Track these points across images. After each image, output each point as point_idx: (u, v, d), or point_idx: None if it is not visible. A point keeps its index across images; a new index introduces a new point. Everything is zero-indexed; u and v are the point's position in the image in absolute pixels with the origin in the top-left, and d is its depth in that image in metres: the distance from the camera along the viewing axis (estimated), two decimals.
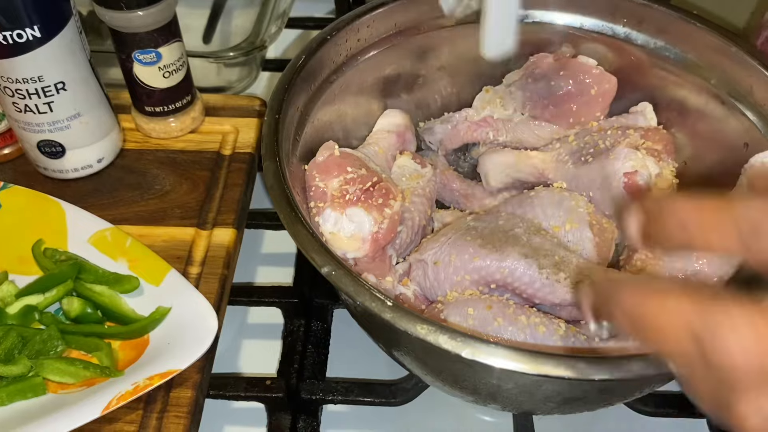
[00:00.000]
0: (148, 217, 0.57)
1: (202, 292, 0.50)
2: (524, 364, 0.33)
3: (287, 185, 0.42)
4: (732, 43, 0.52)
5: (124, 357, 0.48)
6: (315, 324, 0.56)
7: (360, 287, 0.37)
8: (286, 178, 0.42)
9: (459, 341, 0.34)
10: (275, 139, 0.44)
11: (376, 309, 0.36)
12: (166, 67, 0.58)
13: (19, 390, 0.46)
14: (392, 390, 0.51)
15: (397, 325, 0.35)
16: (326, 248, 0.39)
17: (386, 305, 0.36)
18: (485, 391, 0.41)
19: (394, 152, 0.55)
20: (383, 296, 0.36)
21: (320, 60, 0.51)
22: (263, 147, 0.44)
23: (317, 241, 0.39)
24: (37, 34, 0.50)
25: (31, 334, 0.48)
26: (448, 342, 0.34)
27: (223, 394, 0.51)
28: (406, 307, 0.36)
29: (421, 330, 0.34)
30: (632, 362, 0.34)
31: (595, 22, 0.57)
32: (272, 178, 0.42)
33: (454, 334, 0.34)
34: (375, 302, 0.36)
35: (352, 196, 0.47)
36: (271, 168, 0.43)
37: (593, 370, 0.33)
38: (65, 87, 0.54)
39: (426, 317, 0.35)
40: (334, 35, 0.52)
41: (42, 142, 0.57)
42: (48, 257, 0.52)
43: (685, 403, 0.51)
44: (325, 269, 0.38)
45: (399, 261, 0.52)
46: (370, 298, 0.36)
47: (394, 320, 0.35)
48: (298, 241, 0.40)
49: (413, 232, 0.52)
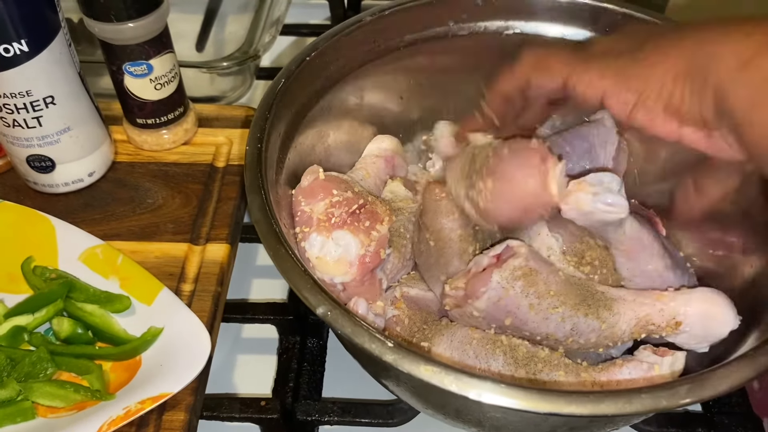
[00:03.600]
0: (140, 233, 0.56)
1: (195, 311, 0.49)
2: (534, 404, 0.32)
3: (275, 219, 0.41)
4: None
5: (116, 379, 0.47)
6: (311, 341, 0.55)
7: (358, 328, 0.36)
8: (272, 212, 0.41)
9: (465, 382, 0.33)
10: (259, 170, 0.43)
11: (377, 351, 0.35)
12: (158, 78, 0.57)
13: (8, 414, 0.45)
14: (389, 411, 0.50)
15: (399, 367, 0.34)
16: (319, 285, 0.38)
17: (387, 347, 0.35)
18: (489, 424, 0.40)
19: (383, 177, 0.54)
20: (383, 337, 0.35)
21: (300, 83, 0.50)
22: (247, 179, 0.43)
23: (310, 278, 0.38)
24: (24, 49, 0.49)
25: (20, 356, 0.47)
26: (454, 383, 0.33)
27: (218, 415, 0.50)
28: (407, 347, 0.35)
29: (426, 371, 0.33)
30: (643, 396, 0.33)
31: (577, 31, 0.56)
32: (258, 212, 0.41)
33: (460, 375, 0.33)
34: (375, 344, 0.35)
35: (338, 219, 0.46)
36: (257, 201, 0.42)
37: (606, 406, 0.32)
38: (54, 101, 0.53)
39: (429, 357, 0.34)
40: (313, 56, 0.50)
41: (31, 157, 0.55)
42: (38, 275, 0.51)
43: (688, 422, 0.50)
44: (320, 310, 0.37)
45: (391, 286, 0.51)
46: (369, 340, 0.35)
47: (396, 362, 0.34)
48: (288, 278, 0.38)
49: (405, 258, 0.51)
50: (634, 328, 0.44)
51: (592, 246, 0.46)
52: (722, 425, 0.50)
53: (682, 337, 0.44)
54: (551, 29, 0.56)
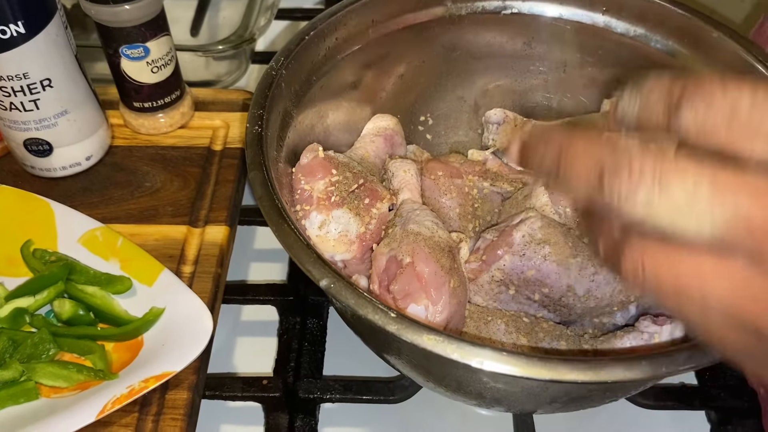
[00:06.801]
0: (139, 216, 0.56)
1: (196, 292, 0.49)
2: (535, 371, 0.33)
3: (277, 196, 0.41)
4: (713, 27, 0.52)
5: (118, 359, 0.48)
6: (311, 321, 0.55)
7: (362, 299, 0.36)
8: (275, 188, 0.41)
9: (467, 350, 0.33)
10: (260, 147, 0.43)
11: (380, 322, 0.35)
12: (155, 62, 0.57)
13: (11, 395, 0.45)
14: (390, 387, 0.51)
15: (403, 336, 0.34)
16: (322, 259, 0.38)
17: (390, 317, 0.35)
18: (490, 395, 0.41)
19: (382, 156, 0.54)
20: (385, 307, 0.35)
21: (299, 62, 0.50)
22: (248, 156, 0.43)
23: (313, 252, 0.38)
24: (21, 30, 0.49)
25: (22, 338, 0.47)
26: (456, 352, 0.33)
27: (220, 394, 0.50)
28: (409, 317, 0.35)
29: (428, 340, 0.34)
30: (643, 363, 0.33)
31: (575, 11, 0.57)
32: (260, 188, 0.41)
33: (462, 343, 0.33)
34: (378, 314, 0.35)
35: (338, 197, 0.46)
36: (259, 178, 0.42)
37: (607, 373, 0.33)
38: (51, 84, 0.53)
39: (432, 326, 0.34)
40: (311, 35, 0.50)
41: (29, 141, 0.55)
42: (37, 258, 0.51)
43: (684, 395, 0.51)
44: (323, 282, 0.37)
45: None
46: (372, 311, 0.35)
47: (399, 332, 0.34)
48: (292, 253, 0.39)
49: None
50: None
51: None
52: (718, 398, 0.50)
53: None
54: (549, 9, 0.56)
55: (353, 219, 0.46)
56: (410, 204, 0.48)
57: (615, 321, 0.48)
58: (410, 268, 0.42)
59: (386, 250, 0.44)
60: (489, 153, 0.58)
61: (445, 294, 0.42)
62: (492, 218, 0.52)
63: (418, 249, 0.43)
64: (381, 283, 0.44)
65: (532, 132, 0.30)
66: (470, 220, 0.50)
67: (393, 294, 0.42)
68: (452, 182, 0.51)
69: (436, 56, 0.58)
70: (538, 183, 0.49)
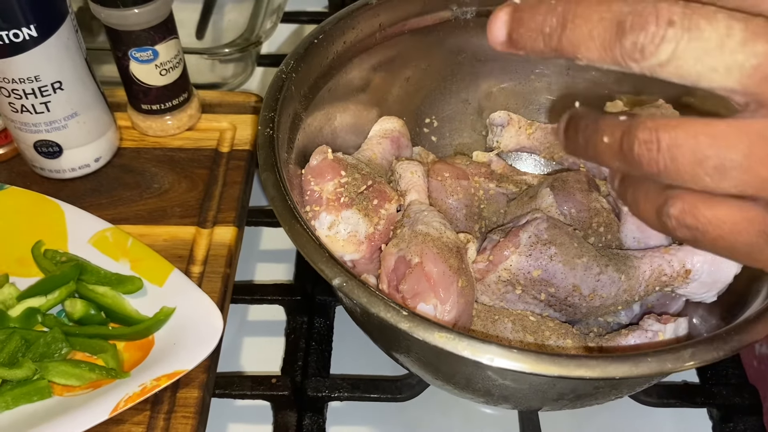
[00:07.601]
0: (148, 217, 0.57)
1: (205, 291, 0.50)
2: (544, 367, 0.33)
3: (289, 196, 0.41)
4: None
5: (130, 358, 0.48)
6: (318, 321, 0.56)
7: (374, 297, 0.37)
8: (287, 189, 0.42)
9: (478, 348, 0.34)
10: (272, 149, 0.44)
11: (392, 319, 0.36)
12: (163, 64, 0.58)
13: (24, 393, 0.45)
14: (397, 386, 0.51)
15: (414, 334, 0.35)
16: (334, 258, 0.39)
17: (401, 315, 0.36)
18: (498, 392, 0.41)
19: (389, 158, 0.55)
20: (397, 306, 0.36)
21: (308, 65, 0.50)
22: (260, 157, 0.44)
23: (325, 251, 0.39)
24: (33, 34, 0.50)
25: (34, 337, 0.48)
26: (467, 349, 0.34)
27: (229, 393, 0.51)
28: (421, 315, 0.36)
29: (440, 338, 0.35)
30: (649, 359, 0.34)
31: None
32: (273, 189, 0.42)
33: (473, 341, 0.34)
34: (390, 312, 0.36)
35: (347, 198, 0.47)
36: (271, 179, 0.42)
37: (614, 369, 0.34)
38: (62, 86, 0.53)
39: (443, 324, 0.35)
40: (320, 39, 0.51)
41: (39, 142, 0.56)
42: (48, 259, 0.52)
43: (687, 393, 0.52)
44: (336, 281, 0.38)
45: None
46: (384, 309, 0.36)
47: (411, 329, 0.35)
48: (305, 252, 0.39)
49: None
50: (649, 281, 0.46)
51: (599, 211, 0.48)
52: (720, 395, 0.51)
53: (692, 287, 0.46)
54: None
55: (362, 220, 0.47)
56: (418, 205, 0.49)
57: (619, 320, 0.48)
58: (419, 268, 0.43)
59: (395, 251, 0.45)
60: (493, 154, 0.58)
61: (454, 293, 0.42)
62: (498, 219, 0.53)
63: (427, 249, 0.43)
64: (390, 282, 0.44)
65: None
66: (476, 220, 0.50)
67: (402, 293, 0.43)
68: (459, 183, 0.52)
69: (442, 59, 0.59)
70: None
